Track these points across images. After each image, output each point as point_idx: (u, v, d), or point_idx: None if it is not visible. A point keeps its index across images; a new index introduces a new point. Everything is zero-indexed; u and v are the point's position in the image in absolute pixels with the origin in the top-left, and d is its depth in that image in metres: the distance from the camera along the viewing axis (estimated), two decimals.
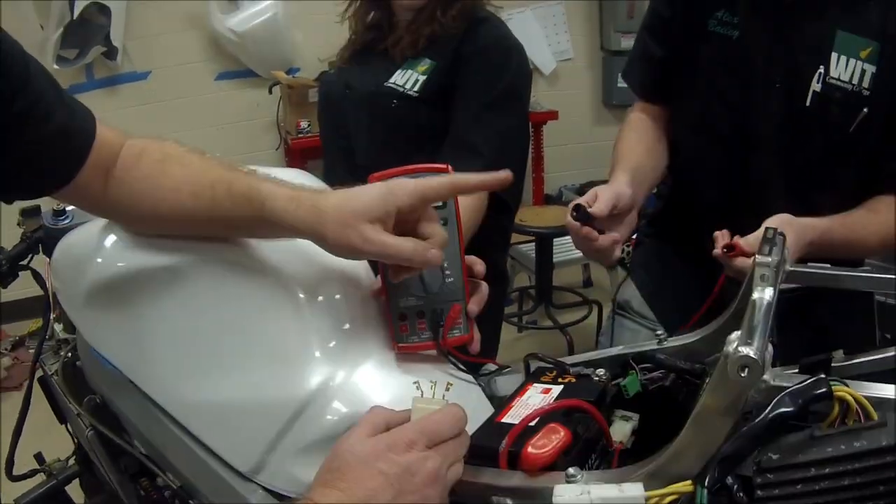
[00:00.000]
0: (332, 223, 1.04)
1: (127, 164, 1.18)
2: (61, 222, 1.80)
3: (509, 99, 1.89)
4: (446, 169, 1.13)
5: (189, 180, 1.14)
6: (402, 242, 1.04)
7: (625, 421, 1.10)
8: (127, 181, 1.17)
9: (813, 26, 1.57)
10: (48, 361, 1.78)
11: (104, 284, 1.24)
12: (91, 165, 1.16)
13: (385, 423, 0.92)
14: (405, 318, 1.16)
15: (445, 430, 0.91)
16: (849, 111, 1.56)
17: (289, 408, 1.08)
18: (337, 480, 0.85)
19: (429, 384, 0.96)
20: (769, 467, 0.82)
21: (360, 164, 1.98)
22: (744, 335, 0.81)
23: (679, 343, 1.23)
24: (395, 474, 0.85)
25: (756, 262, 1.01)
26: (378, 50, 2.02)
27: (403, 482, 0.85)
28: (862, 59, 1.53)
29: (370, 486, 0.84)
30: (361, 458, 0.86)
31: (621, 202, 1.52)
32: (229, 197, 1.11)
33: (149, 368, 1.22)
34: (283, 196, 1.08)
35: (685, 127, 1.82)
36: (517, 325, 5.13)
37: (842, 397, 0.83)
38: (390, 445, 0.87)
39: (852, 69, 1.53)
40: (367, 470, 0.85)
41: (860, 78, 1.53)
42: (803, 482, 0.81)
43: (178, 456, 1.22)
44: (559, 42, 6.36)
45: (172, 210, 1.15)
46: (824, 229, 1.50)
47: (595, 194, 1.51)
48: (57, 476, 1.75)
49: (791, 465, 0.82)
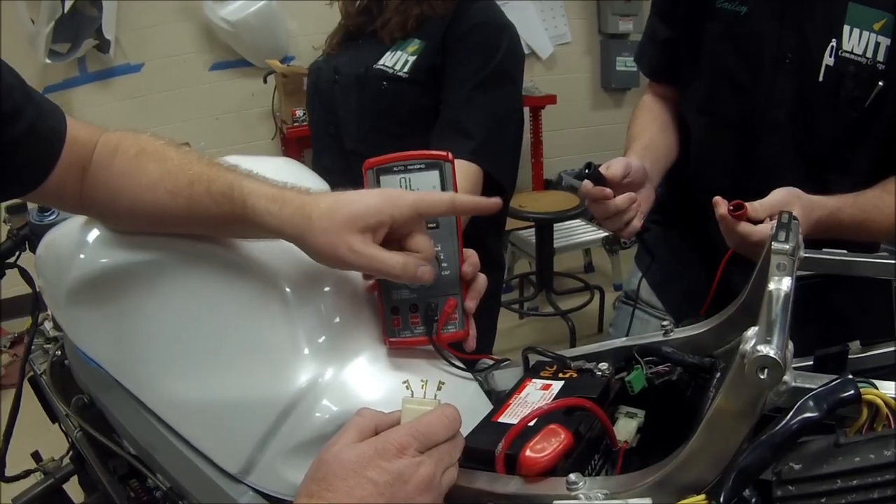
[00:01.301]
0: (319, 229, 0.99)
1: (102, 162, 1.13)
2: (47, 219, 1.78)
3: (500, 79, 1.84)
4: (447, 157, 1.10)
5: (166, 177, 1.09)
6: (392, 257, 1.00)
7: (630, 418, 1.06)
8: (102, 179, 1.13)
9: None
10: (38, 360, 1.76)
11: (87, 281, 1.22)
12: (64, 166, 1.11)
13: (374, 426, 0.87)
14: (397, 312, 1.12)
15: (439, 432, 0.85)
16: (863, 85, 1.51)
17: (277, 406, 1.05)
18: (323, 491, 0.79)
19: (419, 383, 0.91)
20: (790, 478, 0.75)
21: (350, 149, 1.95)
22: (762, 331, 0.75)
23: (686, 335, 1.18)
24: (386, 482, 0.79)
25: (772, 250, 0.96)
26: (367, 33, 1.98)
27: (395, 490, 0.79)
28: (875, 31, 1.48)
29: (359, 495, 0.78)
30: (349, 466, 0.80)
31: (634, 170, 1.50)
32: (208, 195, 1.06)
33: (134, 368, 1.20)
34: (266, 195, 1.03)
35: (693, 109, 1.79)
36: (518, 311, 5.12)
37: (871, 401, 0.76)
38: (380, 451, 0.81)
39: (866, 42, 1.49)
40: (355, 478, 0.79)
41: (875, 51, 1.49)
42: (828, 495, 0.74)
43: (167, 457, 1.19)
44: (556, 26, 6.32)
45: (150, 209, 1.11)
46: (834, 208, 1.47)
47: (608, 164, 1.49)
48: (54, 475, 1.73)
49: (815, 476, 0.75)
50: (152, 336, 1.17)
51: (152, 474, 1.27)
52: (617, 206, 1.47)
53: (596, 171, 1.44)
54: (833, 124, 1.57)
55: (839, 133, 1.58)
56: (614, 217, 1.51)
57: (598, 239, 5.11)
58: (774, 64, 1.59)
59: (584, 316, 4.87)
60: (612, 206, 1.47)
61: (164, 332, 1.16)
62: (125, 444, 1.34)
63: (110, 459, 1.43)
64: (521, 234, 5.12)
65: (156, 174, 1.10)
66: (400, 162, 1.09)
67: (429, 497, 0.82)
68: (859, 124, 1.55)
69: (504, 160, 1.85)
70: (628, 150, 1.69)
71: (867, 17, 1.49)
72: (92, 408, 1.43)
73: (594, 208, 1.51)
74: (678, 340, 1.17)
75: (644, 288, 1.96)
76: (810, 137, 1.60)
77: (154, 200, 1.09)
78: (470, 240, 1.15)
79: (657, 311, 1.93)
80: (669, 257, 1.92)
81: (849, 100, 1.53)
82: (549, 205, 4.69)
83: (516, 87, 1.93)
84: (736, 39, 1.63)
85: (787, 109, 1.60)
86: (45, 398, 1.71)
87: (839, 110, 1.55)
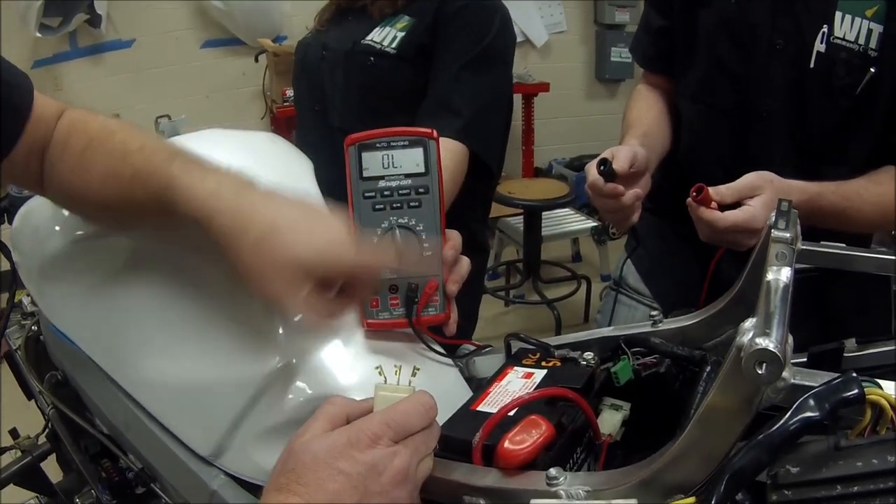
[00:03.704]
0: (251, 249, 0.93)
1: (56, 153, 1.08)
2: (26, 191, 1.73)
3: (490, 60, 1.82)
4: (431, 134, 1.07)
5: (111, 175, 1.04)
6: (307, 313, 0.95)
7: (615, 410, 1.03)
8: (57, 172, 1.09)
9: None
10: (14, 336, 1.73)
11: (62, 255, 1.21)
12: (25, 145, 1.07)
13: (345, 414, 0.83)
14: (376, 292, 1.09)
15: (414, 420, 0.82)
16: (855, 72, 1.50)
17: (249, 388, 1.03)
18: (293, 484, 0.75)
19: (393, 368, 0.87)
20: (787, 482, 0.71)
21: (335, 126, 1.92)
22: (760, 323, 0.72)
23: (675, 325, 1.15)
24: (359, 474, 0.75)
25: (771, 238, 0.93)
26: (357, 8, 1.95)
27: (369, 482, 0.76)
28: (868, 17, 1.48)
29: (331, 488, 0.74)
30: (320, 457, 0.76)
31: (638, 159, 1.48)
32: (145, 192, 1.00)
33: (107, 345, 1.19)
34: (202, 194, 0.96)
35: (687, 97, 1.78)
36: (504, 299, 5.12)
37: (875, 401, 0.72)
38: (352, 441, 0.77)
39: (858, 28, 1.48)
40: (326, 470, 0.75)
41: (867, 38, 1.48)
42: (827, 501, 0.70)
43: (139, 437, 1.17)
44: (552, 14, 6.32)
45: (100, 208, 1.08)
46: (814, 193, 1.45)
47: (612, 153, 1.46)
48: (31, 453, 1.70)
49: (813, 480, 0.71)
50: (126, 314, 1.15)
51: (124, 454, 1.26)
52: (624, 204, 1.46)
53: (611, 167, 1.42)
54: (826, 112, 1.56)
55: (832, 121, 1.57)
56: (617, 212, 1.49)
57: (586, 228, 5.11)
58: (767, 51, 1.58)
59: (570, 305, 4.87)
60: (620, 204, 1.46)
61: (139, 311, 1.15)
62: (98, 422, 1.33)
63: (82, 438, 1.40)
64: (510, 220, 5.11)
65: (102, 169, 1.04)
66: (383, 138, 1.06)
67: (404, 489, 0.78)
68: (852, 112, 1.54)
69: (491, 141, 1.82)
70: (625, 136, 1.68)
71: (859, 4, 1.48)
72: (66, 385, 1.41)
73: (599, 202, 1.50)
74: (667, 331, 1.14)
75: (633, 275, 1.95)
76: (803, 125, 1.59)
77: (103, 202, 1.06)
78: (454, 222, 1.12)
79: (645, 298, 1.91)
80: (660, 246, 1.91)
81: (840, 87, 1.52)
82: (539, 192, 4.69)
83: (507, 68, 1.91)
84: (729, 27, 1.62)
85: (780, 97, 1.59)
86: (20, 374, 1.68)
87: (831, 97, 1.54)
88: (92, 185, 1.05)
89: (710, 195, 1.38)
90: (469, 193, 1.74)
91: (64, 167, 1.07)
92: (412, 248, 1.07)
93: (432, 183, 1.07)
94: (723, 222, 1.36)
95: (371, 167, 1.08)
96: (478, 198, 2.00)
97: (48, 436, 1.69)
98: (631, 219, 1.52)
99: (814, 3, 1.52)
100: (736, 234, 1.37)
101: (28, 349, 1.62)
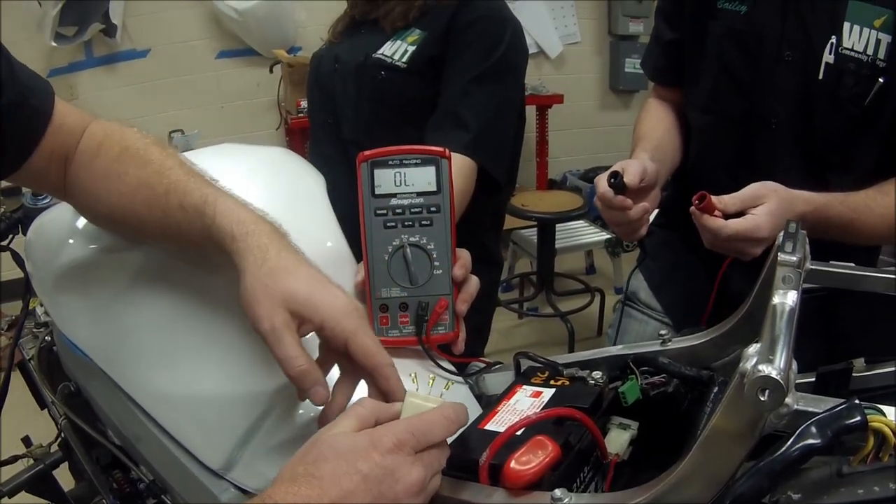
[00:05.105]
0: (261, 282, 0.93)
1: (83, 160, 1.10)
2: (41, 202, 1.77)
3: (501, 73, 1.81)
4: (444, 153, 1.08)
5: (143, 186, 1.06)
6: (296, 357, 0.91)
7: (622, 430, 1.03)
8: (83, 178, 1.10)
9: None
10: (27, 345, 1.74)
11: (76, 267, 1.21)
12: (46, 150, 1.08)
13: (374, 417, 0.83)
14: (386, 310, 1.10)
15: (436, 432, 0.82)
16: (864, 82, 1.50)
17: (260, 403, 1.04)
18: (308, 476, 0.75)
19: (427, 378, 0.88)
20: None
21: (347, 139, 1.91)
22: (764, 349, 0.71)
23: (684, 345, 1.15)
24: (376, 477, 0.76)
25: (778, 261, 0.93)
26: (370, 21, 1.95)
27: (384, 487, 0.76)
28: (876, 28, 1.48)
29: (345, 486, 0.75)
30: (341, 452, 0.77)
31: (648, 174, 1.48)
32: (181, 209, 1.02)
33: (119, 358, 1.19)
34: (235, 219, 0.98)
35: (697, 108, 1.78)
36: (517, 311, 5.09)
37: (878, 429, 0.72)
38: (374, 443, 0.78)
39: (866, 39, 1.49)
40: (345, 467, 0.76)
41: (875, 48, 1.48)
42: None
43: (150, 449, 1.18)
44: (566, 25, 6.30)
45: (126, 217, 1.09)
46: (820, 204, 1.44)
47: (622, 166, 1.46)
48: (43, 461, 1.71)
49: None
50: (139, 327, 1.16)
51: (136, 466, 1.26)
52: (631, 217, 1.46)
53: (621, 180, 1.42)
54: (833, 121, 1.56)
55: (840, 130, 1.56)
56: (625, 224, 1.49)
57: (600, 241, 5.10)
58: (775, 62, 1.58)
59: (583, 318, 4.84)
60: (627, 217, 1.46)
61: (151, 324, 1.15)
62: (110, 433, 1.33)
63: (94, 449, 1.41)
64: (523, 233, 5.09)
65: (134, 181, 1.06)
66: (396, 156, 1.07)
67: (417, 501, 0.79)
68: (860, 122, 1.54)
69: (500, 155, 1.81)
70: (635, 149, 1.67)
71: (868, 14, 1.48)
72: (78, 396, 1.42)
73: (608, 214, 1.50)
74: (675, 350, 1.14)
75: (644, 290, 1.95)
76: (812, 135, 1.59)
77: (131, 209, 1.07)
78: (467, 236, 1.13)
79: (656, 313, 1.91)
80: (670, 258, 1.91)
81: (849, 97, 1.52)
82: (553, 205, 4.66)
83: (517, 82, 1.91)
84: (738, 38, 1.62)
85: (788, 107, 1.59)
86: (33, 384, 1.69)
87: (840, 108, 1.54)
88: (121, 197, 1.07)
89: (714, 203, 1.38)
90: (479, 207, 1.74)
91: (92, 174, 1.09)
92: (422, 266, 1.08)
93: (444, 202, 1.08)
94: (726, 230, 1.36)
95: (383, 184, 1.08)
96: (488, 211, 1.99)
97: (60, 445, 1.70)
98: (638, 232, 1.51)
99: (822, 14, 1.52)
100: (739, 242, 1.37)
101: (41, 359, 1.64)
